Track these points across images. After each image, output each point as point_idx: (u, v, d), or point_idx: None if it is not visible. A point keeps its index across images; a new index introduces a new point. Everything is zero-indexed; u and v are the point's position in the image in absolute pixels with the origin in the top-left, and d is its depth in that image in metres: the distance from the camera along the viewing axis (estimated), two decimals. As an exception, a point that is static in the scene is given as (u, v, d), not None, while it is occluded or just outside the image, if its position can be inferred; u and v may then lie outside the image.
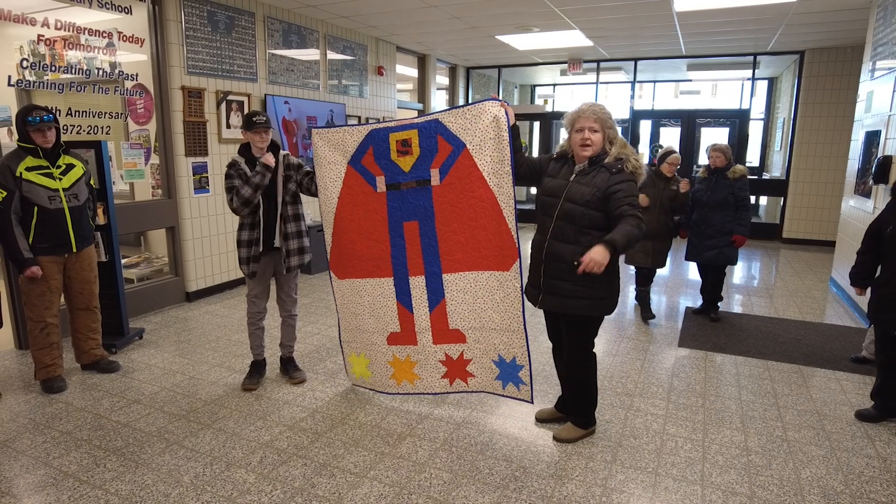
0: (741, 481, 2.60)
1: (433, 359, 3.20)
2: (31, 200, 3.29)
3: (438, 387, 3.26)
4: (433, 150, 2.89)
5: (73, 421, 3.14)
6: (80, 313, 3.72)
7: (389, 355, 3.28)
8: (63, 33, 4.31)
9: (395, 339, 3.24)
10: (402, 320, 3.18)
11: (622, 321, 4.97)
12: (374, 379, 3.39)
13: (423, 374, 3.26)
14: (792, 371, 3.88)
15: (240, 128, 5.72)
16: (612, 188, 2.60)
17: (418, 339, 3.18)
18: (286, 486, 2.54)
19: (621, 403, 3.39)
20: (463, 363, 3.16)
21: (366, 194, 3.06)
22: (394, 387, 3.35)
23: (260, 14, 5.86)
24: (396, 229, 3.05)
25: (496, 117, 2.75)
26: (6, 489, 2.52)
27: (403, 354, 3.25)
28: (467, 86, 10.86)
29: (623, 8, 6.08)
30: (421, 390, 3.30)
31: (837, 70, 8.08)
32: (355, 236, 3.13)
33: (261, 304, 3.57)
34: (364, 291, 3.20)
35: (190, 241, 5.39)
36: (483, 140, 2.78)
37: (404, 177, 2.97)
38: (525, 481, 2.59)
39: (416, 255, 3.04)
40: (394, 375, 3.32)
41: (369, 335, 3.29)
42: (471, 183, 2.85)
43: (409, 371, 3.27)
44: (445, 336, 3.11)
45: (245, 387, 3.54)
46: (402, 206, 3.01)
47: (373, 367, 3.37)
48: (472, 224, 2.90)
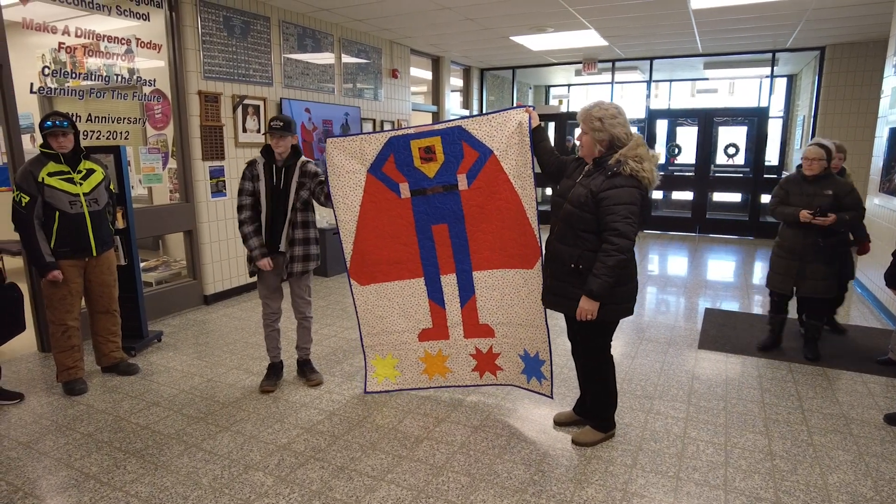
0: (766, 486, 2.54)
1: (464, 352, 3.34)
2: (53, 205, 3.34)
3: (469, 379, 3.39)
4: (458, 156, 2.99)
5: (94, 423, 3.17)
6: (100, 316, 3.76)
7: (421, 352, 3.38)
8: (84, 41, 4.37)
9: (426, 336, 3.34)
10: (434, 316, 3.29)
11: (640, 323, 4.91)
12: (403, 378, 3.45)
13: (455, 368, 3.38)
14: (816, 373, 3.80)
15: (258, 132, 5.77)
16: (602, 193, 2.54)
17: (450, 333, 3.31)
18: (304, 489, 2.53)
19: (641, 406, 3.34)
20: (492, 357, 3.31)
21: (389, 201, 3.13)
22: (426, 381, 3.44)
23: (275, 18, 5.90)
24: (425, 232, 3.15)
25: (521, 123, 2.86)
26: (30, 490, 2.55)
27: (435, 349, 3.36)
28: (481, 87, 10.84)
29: (639, 7, 6.02)
30: (452, 383, 3.42)
31: (860, 66, 7.92)
32: (380, 242, 3.20)
33: (273, 306, 3.58)
34: (392, 294, 3.29)
35: (207, 245, 5.44)
36: (508, 146, 2.91)
37: (429, 182, 3.07)
38: (544, 485, 2.56)
39: (446, 256, 3.17)
40: (426, 370, 3.42)
41: (398, 335, 3.37)
42: (497, 186, 2.98)
43: (442, 365, 3.39)
44: (476, 331, 3.26)
45: (262, 389, 3.55)
46: (428, 211, 3.11)
47: (402, 365, 3.43)
48: (500, 225, 3.04)
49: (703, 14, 6.35)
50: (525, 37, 7.62)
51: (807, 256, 3.83)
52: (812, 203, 3.75)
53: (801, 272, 3.87)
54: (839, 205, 3.72)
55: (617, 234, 2.48)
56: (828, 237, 3.77)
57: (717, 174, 9.70)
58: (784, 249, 3.96)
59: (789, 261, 3.92)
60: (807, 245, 3.82)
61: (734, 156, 10.26)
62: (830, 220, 3.65)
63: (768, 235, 9.12)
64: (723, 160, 10.36)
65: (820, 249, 3.77)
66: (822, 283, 3.83)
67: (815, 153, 3.77)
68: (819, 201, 3.74)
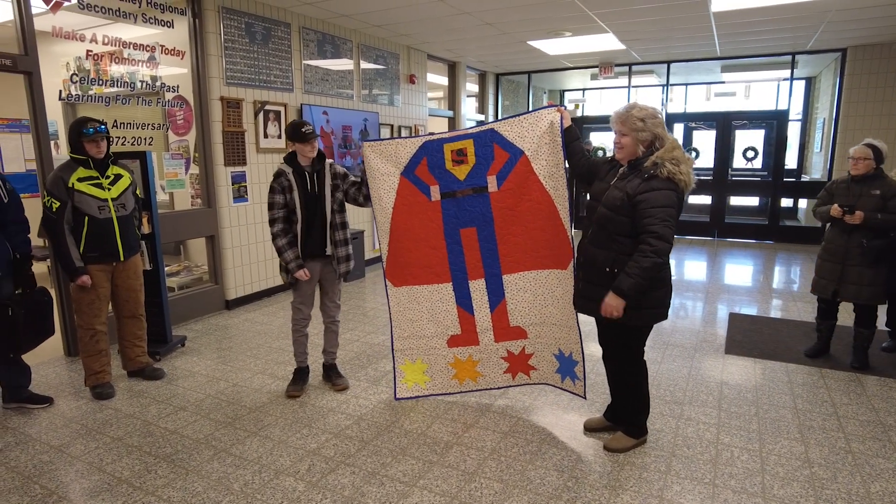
0: (806, 495, 2.49)
1: (495, 356, 3.30)
2: (83, 210, 3.37)
3: (501, 381, 3.36)
4: (489, 158, 3.00)
5: (122, 427, 3.18)
6: (127, 321, 3.78)
7: (451, 357, 3.34)
8: (110, 48, 4.42)
9: (455, 342, 3.31)
10: (462, 323, 3.26)
11: (665, 327, 4.85)
12: (432, 383, 3.41)
13: (486, 371, 3.34)
14: (849, 379, 3.73)
15: (279, 137, 5.80)
16: (639, 196, 2.51)
17: (480, 339, 3.28)
18: (336, 495, 2.52)
19: (671, 412, 3.29)
20: (525, 357, 3.27)
21: (420, 203, 3.14)
22: (456, 386, 3.40)
23: (295, 25, 5.94)
24: (453, 236, 3.14)
25: (552, 122, 2.87)
26: (63, 494, 2.55)
27: (465, 355, 3.32)
28: (497, 92, 10.83)
29: (658, 10, 5.99)
30: (484, 386, 3.39)
31: (882, 67, 7.82)
32: (411, 244, 3.19)
33: (306, 311, 3.58)
34: (422, 297, 3.27)
35: (229, 250, 5.46)
36: (539, 145, 2.91)
37: (459, 185, 3.08)
38: (578, 492, 2.52)
39: (475, 260, 3.14)
40: (456, 376, 3.38)
41: (428, 340, 3.33)
42: (528, 186, 2.98)
43: (472, 370, 3.34)
44: (507, 334, 3.22)
45: (289, 394, 3.54)
46: (458, 214, 3.11)
47: (431, 371, 3.39)
48: (531, 226, 3.03)
49: (723, 17, 6.31)
50: (542, 41, 7.61)
51: (850, 259, 3.71)
52: (858, 203, 3.65)
53: (844, 276, 3.75)
54: (885, 206, 3.59)
55: (655, 236, 2.44)
56: (874, 239, 3.63)
57: (734, 178, 9.61)
58: (828, 252, 3.86)
59: (832, 264, 3.81)
60: (850, 247, 3.70)
61: (753, 159, 10.16)
62: (858, 217, 3.58)
63: (788, 240, 9.02)
64: (740, 164, 10.26)
65: (864, 252, 3.65)
66: (866, 288, 3.67)
67: (862, 152, 3.66)
68: (865, 202, 3.63)
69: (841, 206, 3.65)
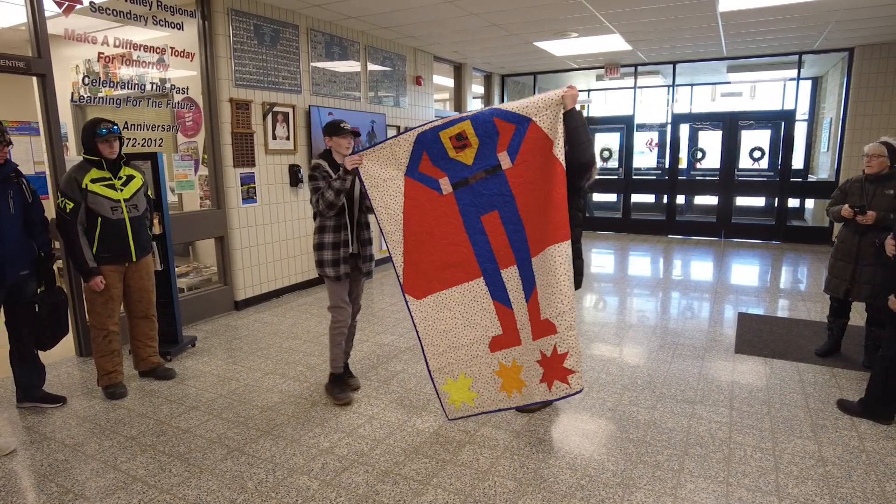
0: (821, 493, 2.49)
1: (532, 359, 2.88)
2: (96, 211, 3.39)
3: (538, 394, 2.88)
4: (493, 133, 2.75)
5: (136, 426, 3.20)
6: (139, 321, 3.81)
7: (495, 364, 2.96)
8: (120, 50, 4.46)
9: (498, 344, 2.95)
10: (502, 320, 2.92)
11: (674, 327, 4.85)
12: (480, 400, 3.00)
13: (527, 381, 2.92)
14: (861, 378, 3.72)
15: (287, 139, 5.82)
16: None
17: (521, 336, 2.90)
18: (350, 493, 2.53)
19: (682, 411, 3.29)
20: (558, 359, 2.78)
21: (432, 200, 2.91)
22: (505, 400, 2.98)
23: (303, 27, 5.96)
24: (474, 226, 2.87)
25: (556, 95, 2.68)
26: (79, 492, 2.57)
27: (509, 359, 2.94)
28: (502, 93, 10.85)
29: (666, 10, 5.99)
30: (528, 400, 2.93)
31: (890, 67, 7.80)
32: (430, 247, 2.94)
33: (348, 311, 3.47)
34: (452, 302, 2.95)
35: (238, 251, 5.48)
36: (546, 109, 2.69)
37: (469, 170, 2.83)
38: (592, 490, 2.52)
39: (502, 246, 2.85)
40: (503, 387, 2.96)
41: (468, 349, 2.97)
42: (544, 153, 2.71)
43: (517, 377, 2.94)
44: (540, 329, 2.84)
45: (344, 401, 3.44)
46: (474, 201, 2.85)
47: (477, 385, 2.99)
48: (547, 196, 2.73)
49: (731, 17, 6.31)
50: (549, 42, 7.62)
51: (863, 259, 3.69)
52: (872, 203, 3.62)
53: (855, 275, 3.74)
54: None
55: None
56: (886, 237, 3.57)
57: (740, 178, 9.60)
58: (840, 252, 3.84)
59: (845, 263, 3.80)
60: (863, 246, 3.68)
61: (759, 159, 10.14)
62: (870, 218, 3.56)
63: (795, 240, 9.00)
64: (746, 164, 10.25)
65: (877, 251, 3.63)
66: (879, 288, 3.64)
67: (876, 150, 3.61)
68: (879, 202, 3.61)
69: (852, 207, 3.63)
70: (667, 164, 10.00)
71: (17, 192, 3.17)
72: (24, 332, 3.30)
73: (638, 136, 10.69)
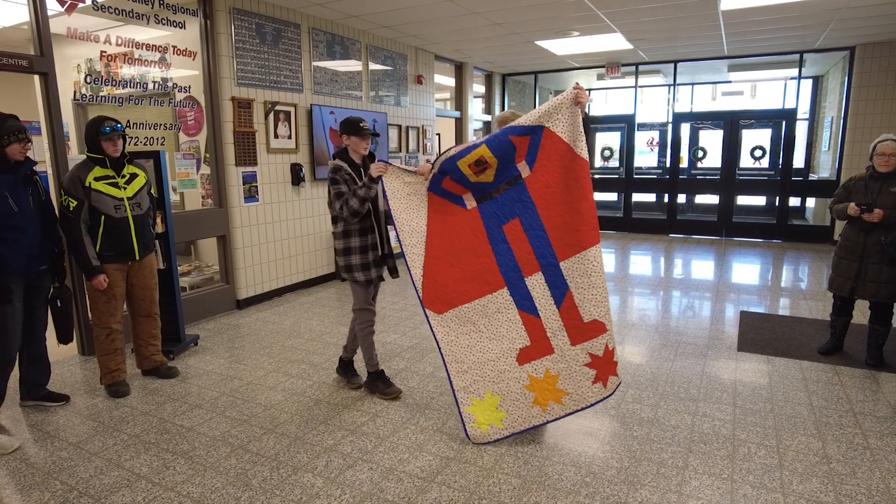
0: (825, 490, 2.49)
1: (576, 364, 2.81)
2: (99, 210, 3.39)
3: (592, 395, 2.82)
4: (510, 149, 2.79)
5: (139, 424, 3.20)
6: (142, 320, 3.80)
7: (525, 378, 2.85)
8: (122, 49, 4.46)
9: (527, 356, 2.85)
10: (530, 330, 2.84)
11: (676, 326, 4.85)
12: (510, 419, 2.88)
13: (571, 388, 2.83)
14: (864, 376, 3.72)
15: (289, 138, 5.82)
16: None
17: (554, 344, 2.82)
18: (355, 491, 2.53)
19: (686, 409, 3.29)
20: (609, 356, 2.78)
21: (455, 214, 2.92)
22: (540, 415, 2.86)
23: (305, 26, 5.96)
24: (497, 235, 2.86)
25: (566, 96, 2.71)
26: (84, 489, 2.57)
27: (541, 370, 2.84)
28: (503, 93, 10.85)
29: (668, 9, 6.00)
30: (574, 408, 2.85)
31: (892, 65, 7.79)
32: (452, 259, 2.90)
33: (374, 311, 3.49)
34: (475, 315, 2.88)
35: (240, 250, 5.48)
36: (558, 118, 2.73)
37: (492, 186, 2.87)
38: (596, 487, 2.52)
39: (525, 253, 2.82)
40: (537, 401, 2.85)
41: (493, 364, 2.87)
42: (560, 156, 2.75)
43: (553, 388, 2.83)
44: (583, 332, 2.78)
45: (392, 395, 3.45)
46: (496, 211, 2.87)
47: (506, 403, 2.87)
48: (573, 197, 2.74)
49: (732, 15, 6.31)
50: (550, 41, 7.62)
51: (868, 257, 3.67)
52: (877, 201, 3.59)
53: (862, 274, 3.72)
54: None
55: None
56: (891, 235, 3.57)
57: (741, 177, 9.60)
58: (845, 250, 3.81)
59: (850, 262, 3.77)
60: (868, 245, 3.67)
61: (761, 158, 10.15)
62: (877, 215, 3.55)
63: (796, 239, 9.00)
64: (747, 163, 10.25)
65: (883, 249, 3.60)
66: (885, 286, 3.64)
67: (892, 148, 3.56)
68: (884, 200, 3.58)
69: (858, 205, 3.61)
70: (668, 164, 10.01)
71: (35, 190, 3.22)
72: (40, 330, 3.32)
73: (639, 136, 10.69)
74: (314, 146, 6.16)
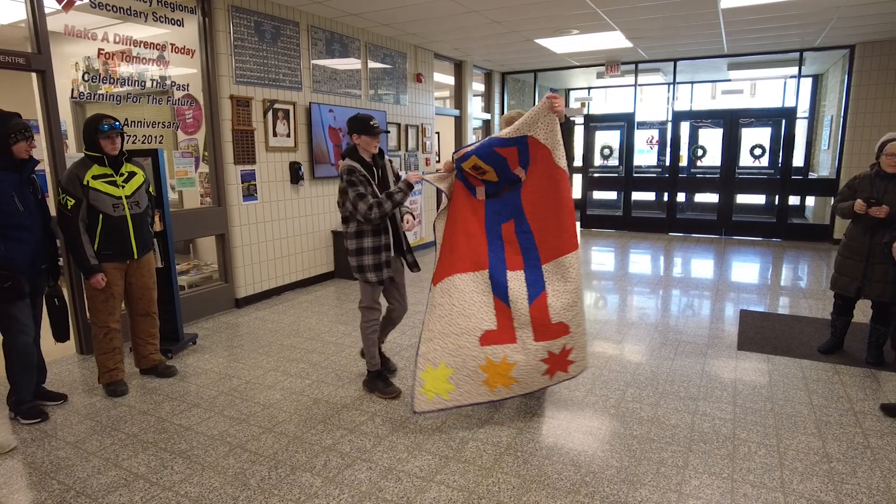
0: (826, 489, 2.48)
1: (534, 359, 2.99)
2: (97, 208, 3.38)
3: (538, 384, 3.08)
4: (499, 159, 3.02)
5: (137, 424, 3.18)
6: (140, 319, 3.79)
7: (482, 358, 2.98)
8: (120, 47, 4.44)
9: (490, 339, 2.99)
10: (499, 315, 3.00)
11: (676, 325, 4.84)
12: (457, 392, 2.99)
13: (522, 377, 3.01)
14: (864, 375, 3.71)
15: (288, 136, 5.80)
16: None
17: (517, 335, 2.98)
18: (353, 490, 2.51)
19: (686, 408, 3.28)
20: (565, 354, 3.04)
21: (469, 199, 3.18)
22: (486, 394, 3.01)
23: (304, 24, 5.95)
24: (494, 231, 3.12)
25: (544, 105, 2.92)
26: (81, 489, 2.56)
27: (500, 356, 2.98)
28: (503, 91, 10.83)
29: (667, 7, 5.98)
30: (518, 392, 3.08)
31: (892, 64, 7.78)
32: (456, 239, 3.13)
33: (380, 311, 3.51)
34: (457, 288, 3.03)
35: (239, 248, 5.47)
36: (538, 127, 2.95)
37: (497, 186, 3.14)
38: (596, 486, 2.52)
39: (514, 253, 3.08)
40: (487, 381, 2.99)
41: (457, 338, 2.99)
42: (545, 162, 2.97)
43: (507, 375, 2.98)
44: (548, 332, 2.97)
45: (392, 395, 3.45)
46: (499, 209, 3.12)
47: (457, 377, 2.99)
48: (556, 203, 2.98)
49: (732, 13, 6.29)
50: (549, 39, 7.60)
51: (874, 257, 3.62)
52: (884, 200, 3.54)
53: (868, 274, 3.68)
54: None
55: None
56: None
57: (741, 176, 9.59)
58: (850, 249, 3.77)
59: (855, 262, 3.72)
60: (874, 244, 3.63)
61: (761, 157, 10.14)
62: (883, 211, 3.51)
63: (796, 237, 8.99)
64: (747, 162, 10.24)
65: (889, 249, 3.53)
66: (891, 286, 3.60)
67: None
68: (891, 198, 3.52)
69: (865, 200, 3.55)
70: (667, 162, 9.99)
71: (35, 189, 3.24)
72: (38, 329, 3.31)
73: (638, 134, 10.67)
74: (313, 144, 6.14)
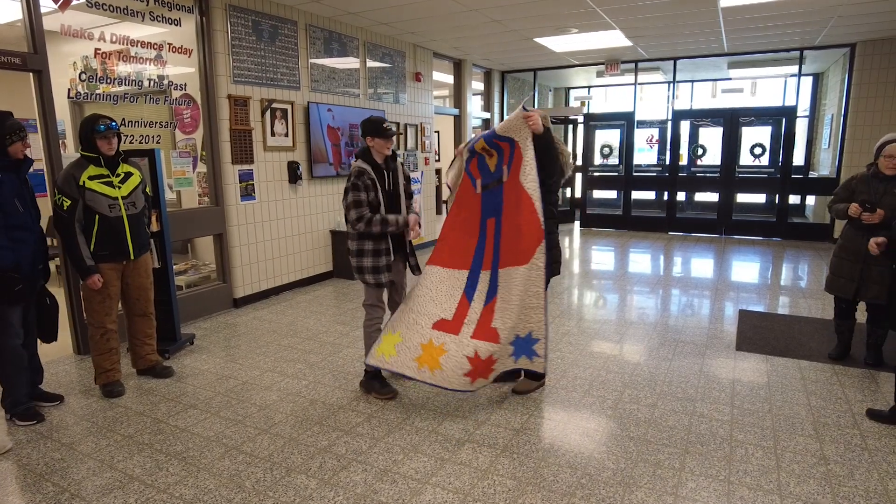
0: (823, 492, 2.47)
1: (461, 352, 3.14)
2: (94, 209, 3.37)
3: (458, 384, 3.13)
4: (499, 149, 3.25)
5: (133, 425, 3.18)
6: (137, 319, 3.78)
7: (426, 339, 3.21)
8: (118, 46, 4.42)
9: (441, 326, 3.24)
10: (459, 309, 3.29)
11: (674, 324, 4.83)
12: (395, 359, 3.23)
13: (447, 366, 3.12)
14: (863, 376, 3.70)
15: (286, 135, 5.79)
16: None
17: (463, 329, 3.22)
18: (348, 492, 2.51)
19: (683, 409, 3.27)
20: (489, 363, 3.20)
21: (469, 193, 3.37)
22: (413, 370, 3.19)
23: (302, 23, 5.93)
24: (483, 226, 3.33)
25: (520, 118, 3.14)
26: (76, 491, 2.55)
27: (439, 341, 3.19)
28: (502, 90, 10.81)
29: (667, 5, 5.96)
30: (437, 382, 3.14)
31: (892, 63, 7.75)
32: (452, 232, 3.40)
33: (384, 309, 3.55)
34: (437, 280, 3.34)
35: (237, 248, 5.46)
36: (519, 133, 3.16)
37: (490, 177, 3.30)
38: (592, 489, 2.51)
39: (490, 251, 3.29)
40: (418, 358, 3.19)
41: (416, 316, 3.29)
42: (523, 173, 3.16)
43: (436, 358, 3.15)
44: (484, 333, 3.20)
45: (388, 396, 3.44)
46: (490, 204, 3.29)
47: (401, 346, 3.24)
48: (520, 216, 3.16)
49: (732, 12, 6.27)
50: (549, 38, 7.58)
51: (870, 258, 3.55)
52: (881, 202, 3.49)
53: (864, 275, 3.63)
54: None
55: None
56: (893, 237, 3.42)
57: (741, 175, 9.57)
58: (846, 251, 3.72)
59: (852, 263, 3.67)
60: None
61: (761, 156, 10.11)
62: (877, 216, 3.49)
63: (796, 237, 8.97)
64: (747, 161, 10.22)
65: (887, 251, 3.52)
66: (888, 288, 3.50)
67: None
68: (888, 201, 3.49)
69: (861, 204, 3.50)
70: (667, 161, 9.97)
71: (29, 188, 3.24)
72: (32, 329, 3.33)
73: (638, 133, 10.66)
74: (311, 144, 6.13)
